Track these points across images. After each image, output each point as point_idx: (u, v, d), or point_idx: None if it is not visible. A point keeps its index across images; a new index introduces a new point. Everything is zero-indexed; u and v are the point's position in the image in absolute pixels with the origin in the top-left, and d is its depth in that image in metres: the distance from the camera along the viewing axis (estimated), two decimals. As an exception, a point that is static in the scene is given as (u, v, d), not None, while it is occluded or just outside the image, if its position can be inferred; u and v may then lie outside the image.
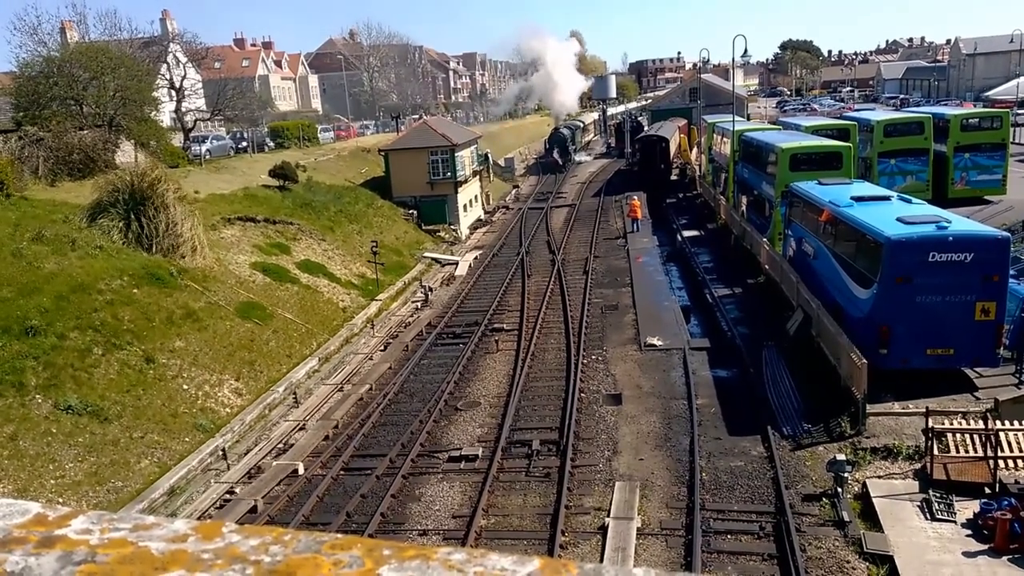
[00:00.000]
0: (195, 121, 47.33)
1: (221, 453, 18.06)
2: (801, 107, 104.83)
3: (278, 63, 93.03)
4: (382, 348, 26.18)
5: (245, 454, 18.50)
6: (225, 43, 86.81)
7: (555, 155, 71.65)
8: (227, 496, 16.56)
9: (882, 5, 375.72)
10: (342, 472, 17.29)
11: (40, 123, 32.25)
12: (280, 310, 26.08)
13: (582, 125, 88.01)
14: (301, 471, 17.32)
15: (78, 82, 34.51)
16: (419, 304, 31.19)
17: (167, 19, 57.00)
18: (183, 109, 45.89)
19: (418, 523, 15.03)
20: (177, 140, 43.38)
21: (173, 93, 45.67)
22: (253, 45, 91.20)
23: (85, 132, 33.08)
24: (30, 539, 0.92)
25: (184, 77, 46.39)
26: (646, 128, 68.99)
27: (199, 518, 15.54)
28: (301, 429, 19.89)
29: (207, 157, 42.60)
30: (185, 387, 19.91)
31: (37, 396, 16.92)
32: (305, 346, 24.90)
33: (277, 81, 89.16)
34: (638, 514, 14.28)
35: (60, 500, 14.75)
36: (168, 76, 46.14)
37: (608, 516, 14.24)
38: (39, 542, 0.91)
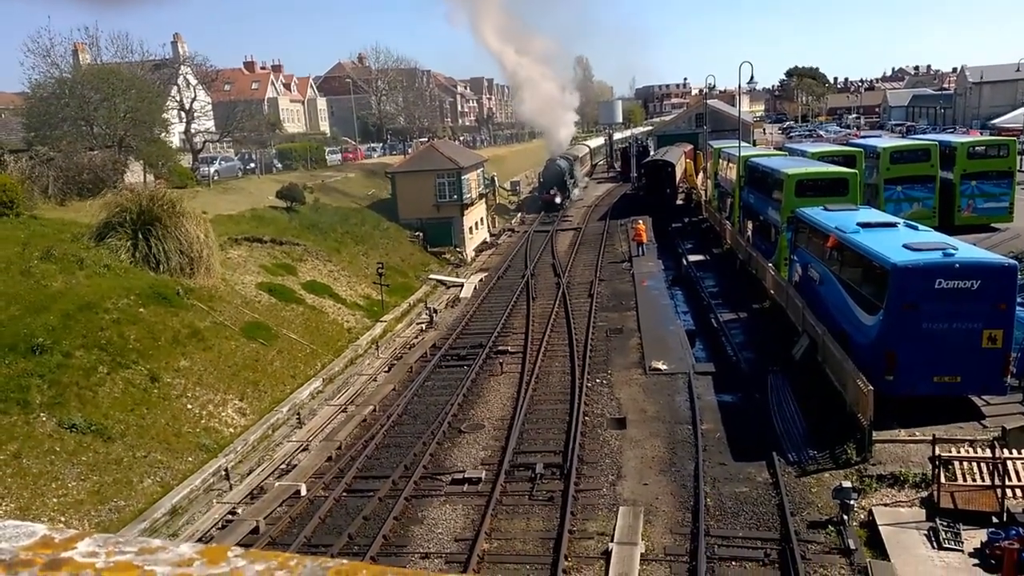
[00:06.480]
0: (204, 142, 47.72)
1: (224, 473, 18.00)
2: (807, 133, 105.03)
3: (287, 86, 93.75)
4: (386, 369, 26.14)
5: (248, 474, 18.44)
6: (235, 66, 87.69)
7: (551, 192, 59.36)
8: (229, 517, 16.48)
9: (888, 34, 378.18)
10: (344, 493, 17.19)
11: (51, 143, 32.58)
12: (285, 330, 26.09)
13: (582, 153, 79.21)
14: (304, 492, 17.24)
15: (89, 103, 34.90)
16: (424, 326, 31.17)
17: (179, 42, 57.50)
18: (192, 130, 46.31)
19: (420, 546, 14.91)
20: (186, 161, 43.74)
21: (183, 114, 46.12)
22: (263, 68, 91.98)
23: (95, 152, 33.41)
24: (36, 561, 0.92)
25: (194, 99, 46.86)
26: (652, 153, 69.00)
27: (201, 539, 15.47)
28: (304, 450, 19.83)
29: (215, 178, 42.94)
30: (189, 406, 19.89)
31: (42, 414, 16.91)
32: (309, 367, 24.88)
33: (286, 104, 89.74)
34: (642, 539, 14.14)
35: (62, 519, 14.68)
36: (178, 98, 46.63)
37: (612, 541, 14.10)
38: (45, 565, 0.91)
